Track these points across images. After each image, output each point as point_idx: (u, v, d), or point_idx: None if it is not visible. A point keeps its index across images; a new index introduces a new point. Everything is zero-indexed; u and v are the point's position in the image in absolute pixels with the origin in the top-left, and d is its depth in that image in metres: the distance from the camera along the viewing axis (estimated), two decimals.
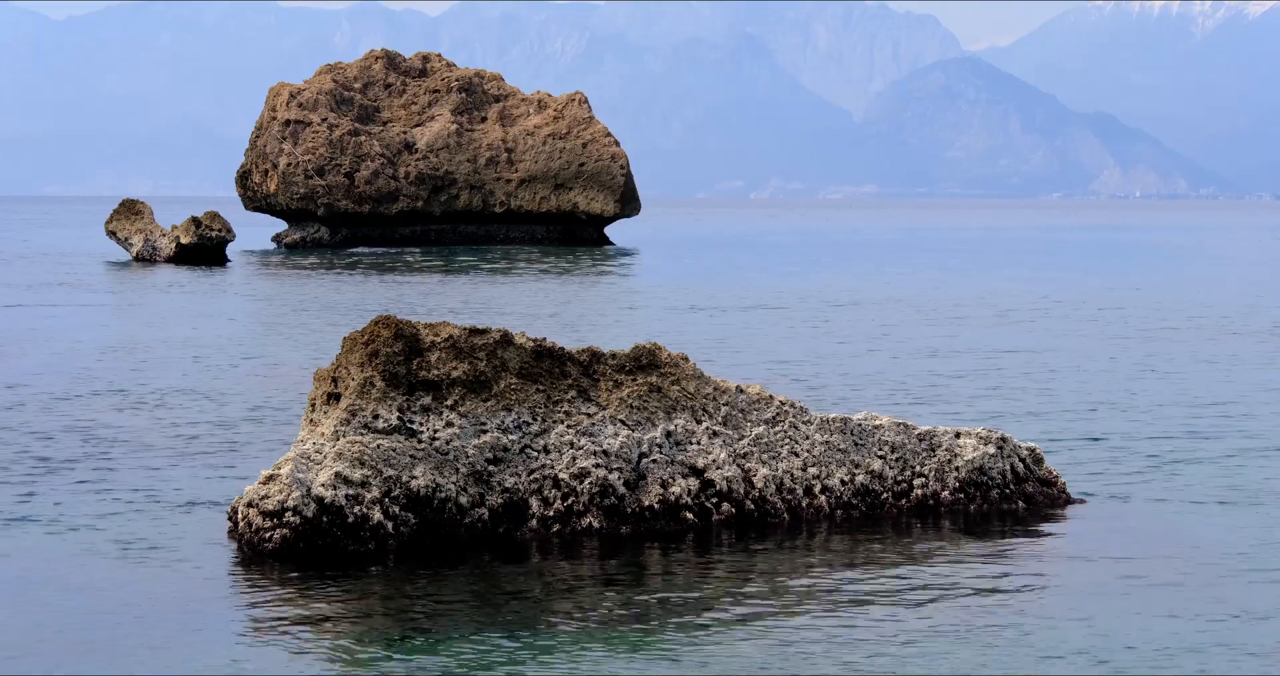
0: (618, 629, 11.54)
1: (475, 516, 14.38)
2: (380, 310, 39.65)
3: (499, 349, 14.86)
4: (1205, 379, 27.26)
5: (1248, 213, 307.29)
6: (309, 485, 13.98)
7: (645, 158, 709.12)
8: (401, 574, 13.25)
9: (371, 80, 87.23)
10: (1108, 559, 13.82)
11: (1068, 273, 65.95)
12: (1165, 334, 36.13)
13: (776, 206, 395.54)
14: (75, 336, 34.05)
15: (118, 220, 67.82)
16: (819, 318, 40.16)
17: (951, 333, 36.06)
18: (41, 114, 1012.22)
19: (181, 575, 13.13)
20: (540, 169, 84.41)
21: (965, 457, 15.86)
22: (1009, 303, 46.23)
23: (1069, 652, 10.97)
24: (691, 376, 15.42)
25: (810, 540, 14.59)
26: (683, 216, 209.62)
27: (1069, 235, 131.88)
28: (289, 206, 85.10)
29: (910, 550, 14.21)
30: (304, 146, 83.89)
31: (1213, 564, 13.63)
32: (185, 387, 25.18)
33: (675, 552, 14.08)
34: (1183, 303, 46.75)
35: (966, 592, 12.60)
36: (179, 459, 18.73)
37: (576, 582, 13.03)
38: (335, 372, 14.80)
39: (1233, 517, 15.66)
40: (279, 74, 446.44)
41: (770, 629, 11.52)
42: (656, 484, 14.86)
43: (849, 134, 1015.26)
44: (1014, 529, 15.13)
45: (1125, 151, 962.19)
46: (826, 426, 15.65)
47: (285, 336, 34.65)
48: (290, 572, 13.20)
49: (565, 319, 38.75)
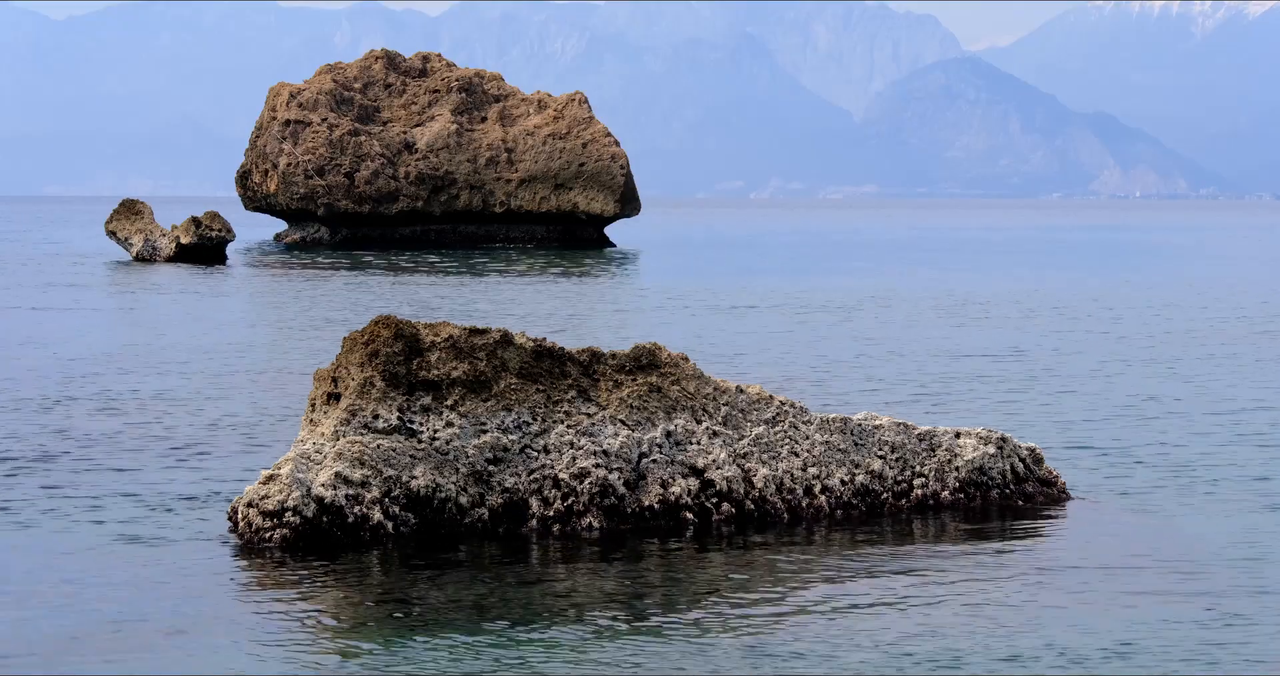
0: (618, 629, 11.55)
1: (475, 516, 14.38)
2: (380, 310, 39.65)
3: (499, 349, 14.87)
4: (1207, 379, 27.26)
5: (1248, 212, 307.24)
6: (309, 485, 13.98)
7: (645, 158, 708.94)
8: (402, 574, 13.25)
9: (371, 80, 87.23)
10: (1108, 559, 13.83)
11: (1068, 272, 65.95)
12: (1166, 334, 36.14)
13: (776, 206, 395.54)
14: (74, 337, 34.05)
15: (118, 220, 67.81)
16: (819, 317, 40.17)
17: (952, 332, 36.06)
18: (41, 114, 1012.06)
19: (181, 575, 13.14)
20: (540, 169, 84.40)
21: (965, 457, 15.86)
22: (1009, 302, 46.24)
23: (1069, 653, 10.97)
24: (691, 376, 15.42)
25: (810, 540, 14.59)
26: (683, 217, 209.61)
27: (1069, 235, 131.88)
28: (289, 206, 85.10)
29: (910, 550, 14.21)
30: (304, 146, 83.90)
31: (1213, 564, 13.63)
32: (185, 387, 25.18)
33: (675, 552, 14.08)
34: (1184, 302, 46.75)
35: (966, 592, 12.60)
36: (179, 458, 18.73)
37: (576, 582, 13.04)
38: (335, 373, 14.80)
39: (1233, 518, 15.66)
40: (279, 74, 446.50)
41: (770, 629, 11.53)
42: (656, 484, 14.87)
43: (849, 134, 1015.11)
44: (1014, 529, 15.13)
45: (1125, 151, 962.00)
46: (826, 426, 15.65)
47: (285, 336, 34.65)
48: (290, 572, 13.20)
49: (565, 319, 38.76)
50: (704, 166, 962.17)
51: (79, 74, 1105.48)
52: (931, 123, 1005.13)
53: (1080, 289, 53.38)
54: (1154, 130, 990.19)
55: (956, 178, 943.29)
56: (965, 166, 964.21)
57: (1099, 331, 36.77)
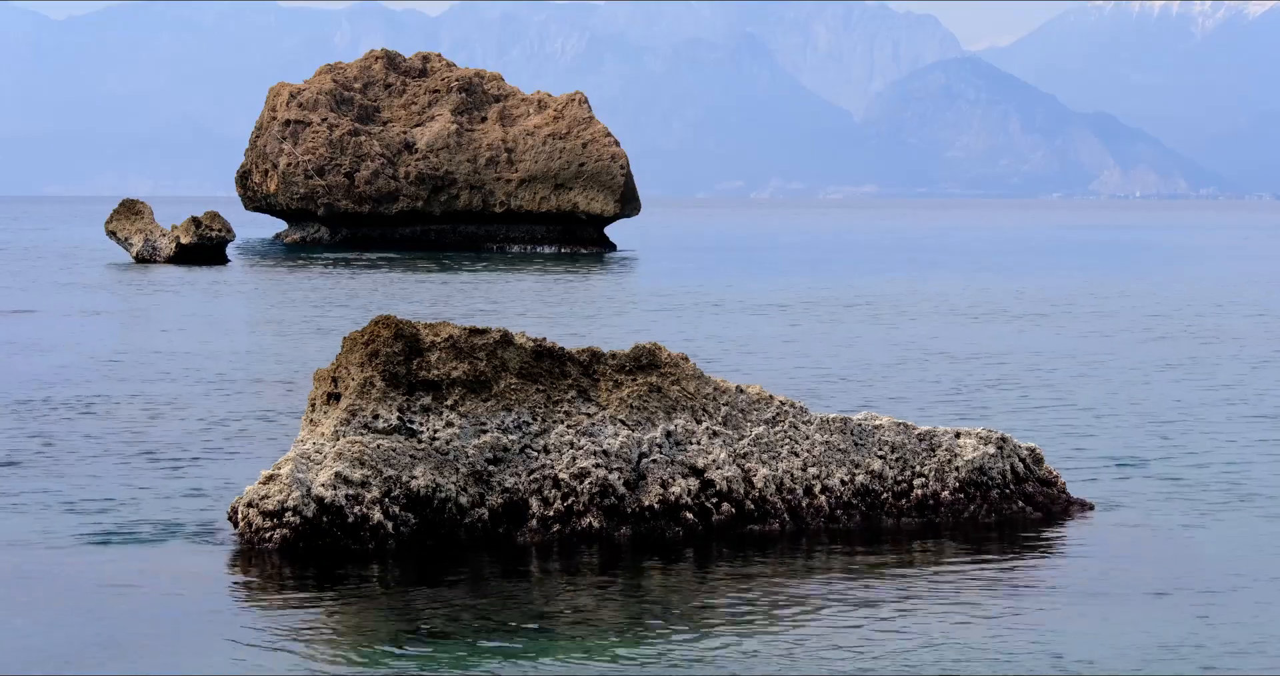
0: (617, 628, 11.54)
1: (475, 516, 14.38)
2: (380, 310, 39.65)
3: (499, 349, 14.86)
4: (1209, 379, 27.24)
5: (1248, 212, 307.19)
6: (309, 485, 13.98)
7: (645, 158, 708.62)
8: (401, 573, 13.25)
9: (371, 80, 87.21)
10: (1107, 559, 13.83)
11: (1067, 272, 65.92)
12: (1167, 334, 36.12)
13: (777, 206, 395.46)
14: (75, 337, 34.05)
15: (118, 220, 67.80)
16: (819, 317, 40.16)
17: (952, 332, 36.05)
18: (41, 114, 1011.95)
19: (181, 575, 13.14)
20: (540, 169, 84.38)
21: (965, 458, 15.85)
22: (1009, 302, 46.22)
23: (1068, 653, 10.97)
24: (691, 376, 15.42)
25: (810, 540, 14.59)
26: (684, 216, 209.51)
27: (1069, 235, 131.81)
28: (289, 206, 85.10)
29: (910, 550, 14.21)
30: (304, 146, 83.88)
31: (1213, 564, 13.63)
32: (185, 387, 25.18)
33: (675, 552, 14.08)
34: (1185, 302, 46.72)
35: (966, 592, 12.60)
36: (179, 458, 18.73)
37: (576, 582, 13.04)
38: (335, 372, 14.80)
39: (1234, 518, 15.65)
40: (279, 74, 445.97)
41: (770, 629, 11.52)
42: (656, 484, 14.86)
43: (849, 134, 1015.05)
44: (1013, 529, 15.13)
45: (1125, 151, 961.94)
46: (826, 426, 15.65)
47: (285, 336, 34.64)
48: (290, 572, 13.21)
49: (565, 319, 38.75)
50: (704, 166, 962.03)
51: (79, 74, 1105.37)
52: (931, 123, 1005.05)
53: (1080, 289, 53.36)
54: (1154, 130, 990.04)
55: (956, 178, 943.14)
56: (965, 166, 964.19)
57: (1101, 331, 36.76)
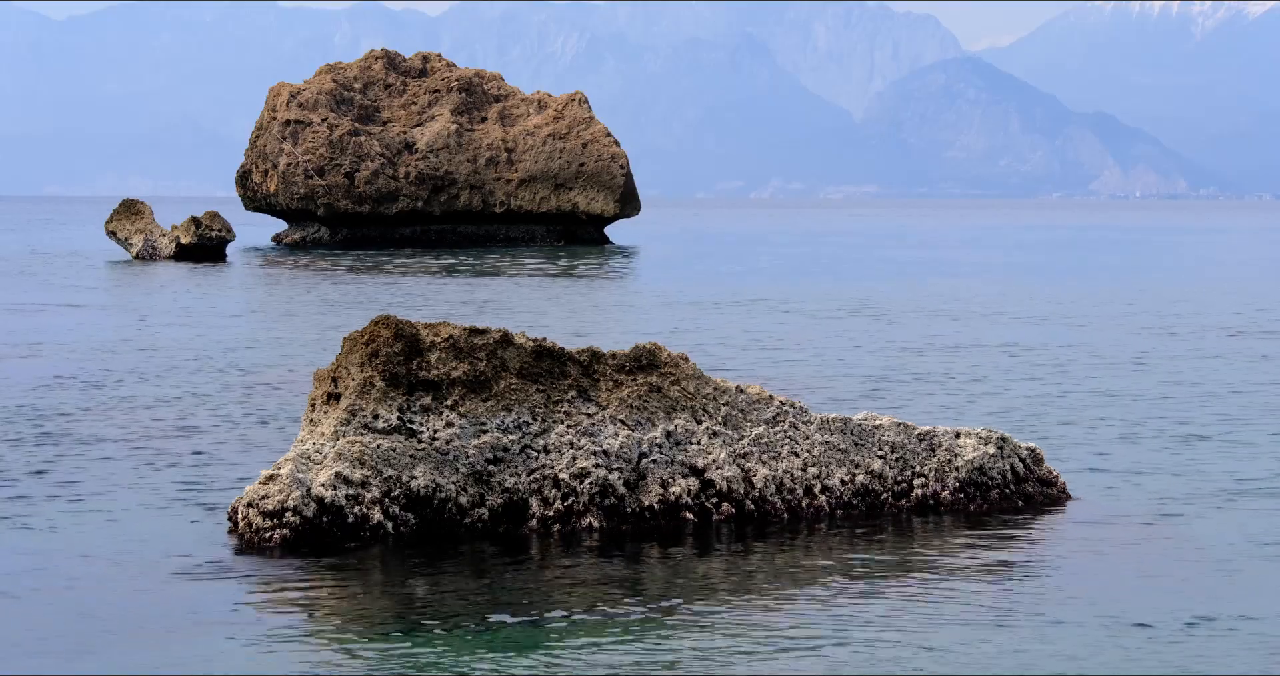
0: (618, 629, 11.54)
1: (475, 516, 14.38)
2: (380, 310, 39.65)
3: (499, 349, 14.86)
4: (1210, 379, 27.24)
5: (1248, 212, 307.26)
6: (309, 485, 13.98)
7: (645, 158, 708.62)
8: (402, 574, 13.24)
9: (371, 80, 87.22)
10: (1107, 559, 13.82)
11: (1067, 272, 65.95)
12: (1168, 333, 36.12)
13: (777, 206, 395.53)
14: (73, 336, 34.04)
15: (118, 220, 67.83)
16: (819, 317, 40.16)
17: (952, 332, 36.05)
18: (41, 114, 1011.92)
19: (180, 575, 13.13)
20: (540, 169, 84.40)
21: (965, 457, 15.85)
22: (1009, 302, 46.23)
23: (1068, 653, 10.97)
24: (691, 376, 15.42)
25: (810, 540, 14.59)
26: (684, 216, 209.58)
27: (1069, 235, 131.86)
28: (289, 206, 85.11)
29: (910, 550, 14.21)
30: (304, 146, 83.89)
31: (1214, 564, 13.63)
32: (184, 387, 25.17)
33: (675, 552, 14.08)
34: (1185, 302, 46.74)
35: (965, 593, 12.59)
36: (178, 458, 18.72)
37: (576, 582, 13.03)
38: (335, 372, 14.80)
39: (1235, 518, 15.65)
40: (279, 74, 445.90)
41: (770, 629, 11.52)
42: (656, 484, 14.86)
43: (849, 134, 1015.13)
44: (1014, 529, 15.12)
45: (1125, 151, 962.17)
46: (826, 426, 15.65)
47: (285, 336, 34.64)
48: (290, 573, 13.20)
49: (565, 319, 38.75)
50: (704, 166, 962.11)
51: (79, 74, 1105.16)
52: (931, 123, 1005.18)
53: (1080, 289, 53.38)
54: (1154, 130, 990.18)
55: (956, 177, 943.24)
56: (965, 166, 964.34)
57: (1101, 330, 36.77)
